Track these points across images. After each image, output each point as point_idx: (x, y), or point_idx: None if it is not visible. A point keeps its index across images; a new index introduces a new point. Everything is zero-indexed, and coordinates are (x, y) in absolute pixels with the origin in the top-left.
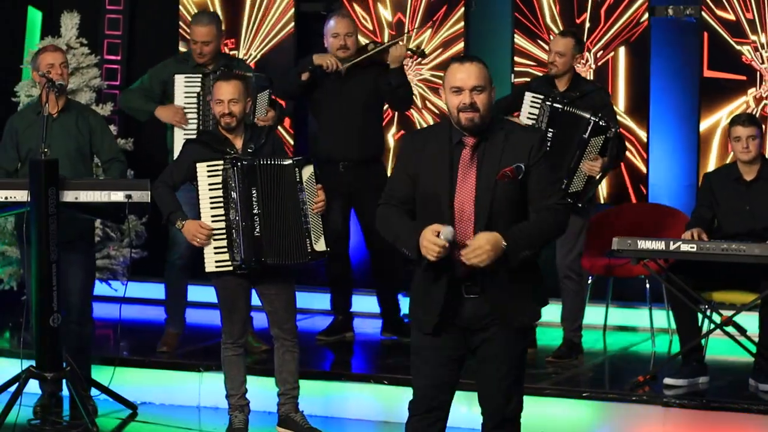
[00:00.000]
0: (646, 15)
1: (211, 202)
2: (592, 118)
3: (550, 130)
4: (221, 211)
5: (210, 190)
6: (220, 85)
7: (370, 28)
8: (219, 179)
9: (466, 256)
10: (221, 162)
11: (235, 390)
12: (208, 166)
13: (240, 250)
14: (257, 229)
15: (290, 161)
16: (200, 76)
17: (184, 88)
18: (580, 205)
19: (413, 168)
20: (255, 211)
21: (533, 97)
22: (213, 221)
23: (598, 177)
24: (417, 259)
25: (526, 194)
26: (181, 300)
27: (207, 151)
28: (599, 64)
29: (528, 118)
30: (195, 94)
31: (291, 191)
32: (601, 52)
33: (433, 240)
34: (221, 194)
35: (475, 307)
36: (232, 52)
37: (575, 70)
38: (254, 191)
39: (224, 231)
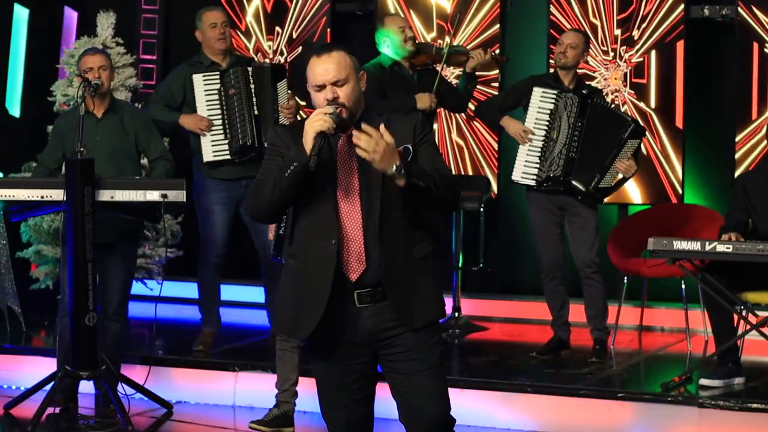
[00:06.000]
0: (682, 14)
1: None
2: (633, 121)
3: (580, 120)
4: None
5: None
6: None
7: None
8: None
9: (358, 136)
10: None
11: (289, 383)
12: None
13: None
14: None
15: None
16: (218, 72)
17: (204, 86)
18: (604, 200)
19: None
20: None
21: (543, 92)
22: None
23: (627, 177)
24: (312, 155)
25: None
26: (215, 299)
27: None
28: (635, 63)
29: (539, 112)
30: (216, 91)
31: None
32: (637, 51)
33: (321, 110)
34: None
35: (374, 317)
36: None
37: (577, 68)
38: None
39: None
